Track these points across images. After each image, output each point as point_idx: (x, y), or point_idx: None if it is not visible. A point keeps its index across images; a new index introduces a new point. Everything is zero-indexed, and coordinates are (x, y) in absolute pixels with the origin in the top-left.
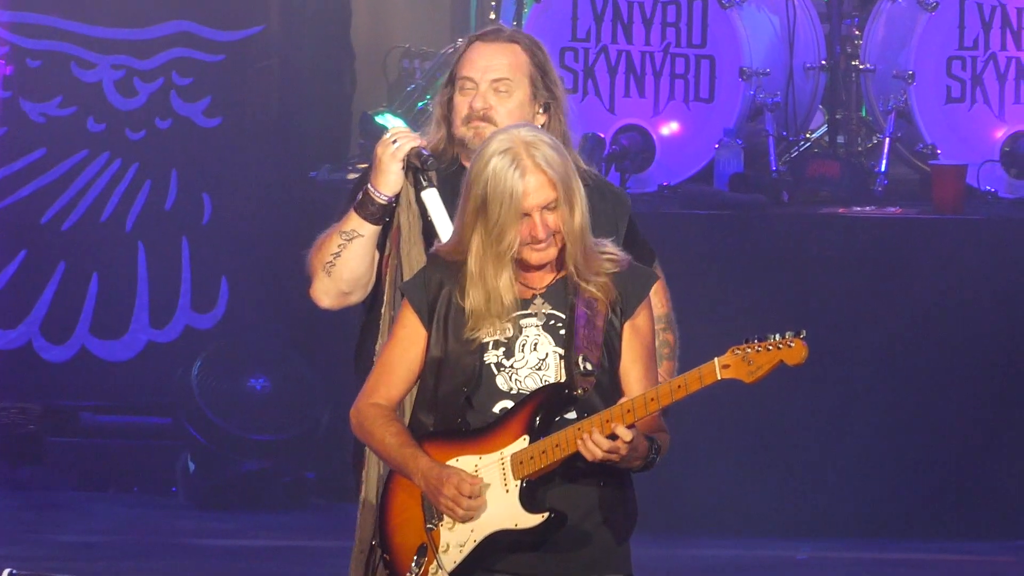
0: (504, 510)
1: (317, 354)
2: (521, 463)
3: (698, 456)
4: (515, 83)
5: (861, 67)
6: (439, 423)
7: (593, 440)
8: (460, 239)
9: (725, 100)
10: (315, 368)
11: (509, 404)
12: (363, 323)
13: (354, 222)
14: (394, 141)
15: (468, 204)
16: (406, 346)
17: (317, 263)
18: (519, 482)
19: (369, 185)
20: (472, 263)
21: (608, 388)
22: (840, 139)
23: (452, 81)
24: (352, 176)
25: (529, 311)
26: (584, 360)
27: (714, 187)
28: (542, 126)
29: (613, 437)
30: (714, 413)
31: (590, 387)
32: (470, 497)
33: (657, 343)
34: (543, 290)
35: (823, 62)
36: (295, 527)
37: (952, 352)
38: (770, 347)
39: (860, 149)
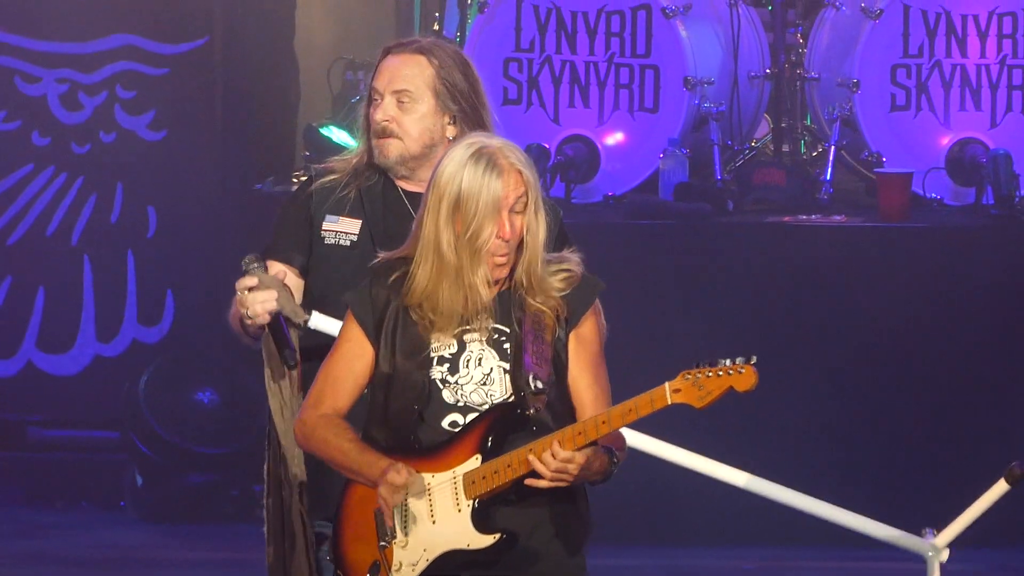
0: (456, 529)
1: (264, 366)
2: (473, 483)
3: (644, 465)
4: (416, 94)
5: (806, 76)
6: (391, 439)
7: (543, 461)
8: (416, 244)
9: (670, 110)
10: (262, 380)
11: (458, 417)
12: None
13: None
14: (247, 309)
15: (439, 205)
16: (351, 360)
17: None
18: (471, 502)
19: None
20: (443, 260)
21: (557, 401)
22: (785, 148)
23: (369, 97)
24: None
25: (471, 326)
26: (534, 379)
27: (659, 197)
28: (453, 138)
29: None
30: (654, 422)
31: (542, 405)
32: (403, 487)
33: None
34: (489, 305)
35: (768, 71)
36: (243, 539)
37: (899, 360)
38: (720, 372)
39: (805, 158)
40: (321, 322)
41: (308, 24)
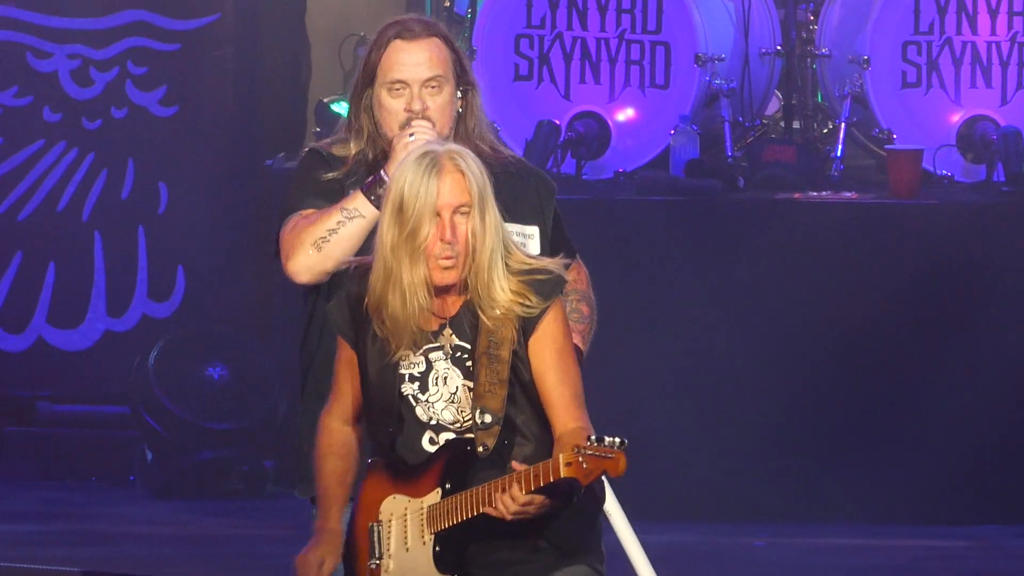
0: (421, 562)
1: (274, 342)
2: (433, 518)
3: (654, 442)
4: (444, 78)
5: (817, 53)
6: (377, 449)
7: (503, 504)
8: (373, 260)
9: (681, 86)
10: (272, 356)
11: (433, 435)
12: (309, 311)
13: (359, 202)
14: (411, 134)
15: (387, 207)
16: (347, 368)
17: (306, 237)
18: (432, 536)
19: (382, 171)
20: (386, 263)
21: (531, 420)
22: (796, 125)
23: (371, 83)
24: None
25: (437, 343)
26: (482, 413)
27: (670, 173)
28: (459, 111)
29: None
30: (668, 399)
31: (494, 439)
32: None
33: (568, 309)
34: (449, 320)
35: (779, 48)
36: (253, 515)
37: (910, 336)
38: (599, 454)
39: (816, 135)
40: None
41: (320, 0)
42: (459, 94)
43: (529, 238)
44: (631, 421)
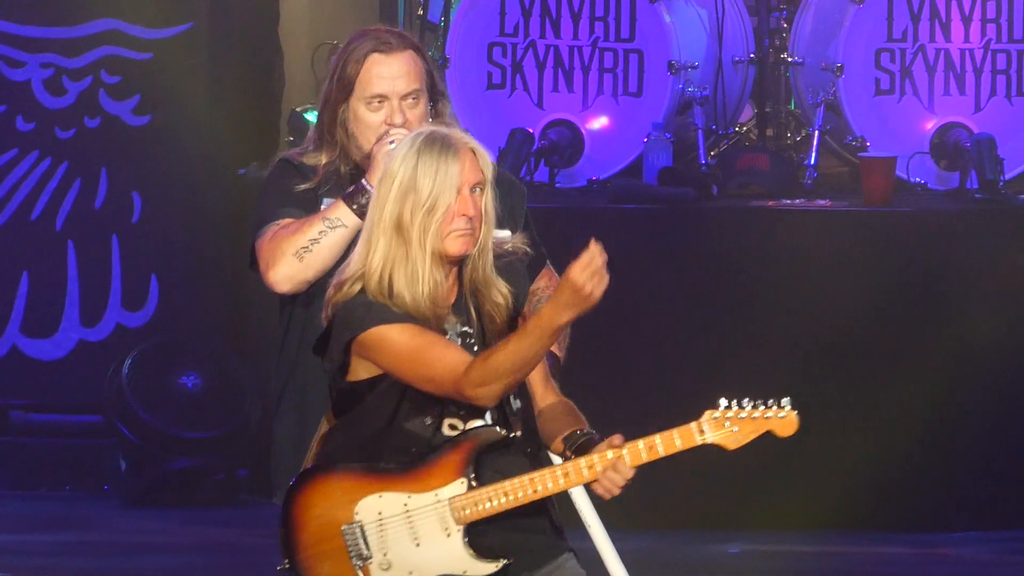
0: (449, 555)
1: (248, 351)
2: (465, 510)
3: None
4: (421, 91)
5: (790, 60)
6: (360, 448)
7: (611, 480)
8: (366, 248)
9: (654, 94)
10: (246, 365)
11: (450, 423)
12: (286, 321)
13: (341, 211)
14: (391, 142)
15: (390, 190)
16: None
17: (286, 247)
18: (462, 527)
19: (364, 180)
20: (396, 245)
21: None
22: (769, 132)
23: (347, 96)
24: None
25: (444, 328)
26: (514, 399)
27: (643, 181)
28: (430, 122)
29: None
30: (643, 405)
31: (521, 424)
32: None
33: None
34: (451, 306)
35: (752, 56)
36: (227, 523)
37: (882, 344)
38: (757, 415)
39: (789, 142)
40: None
41: (292, 10)
42: (430, 105)
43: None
44: (606, 428)
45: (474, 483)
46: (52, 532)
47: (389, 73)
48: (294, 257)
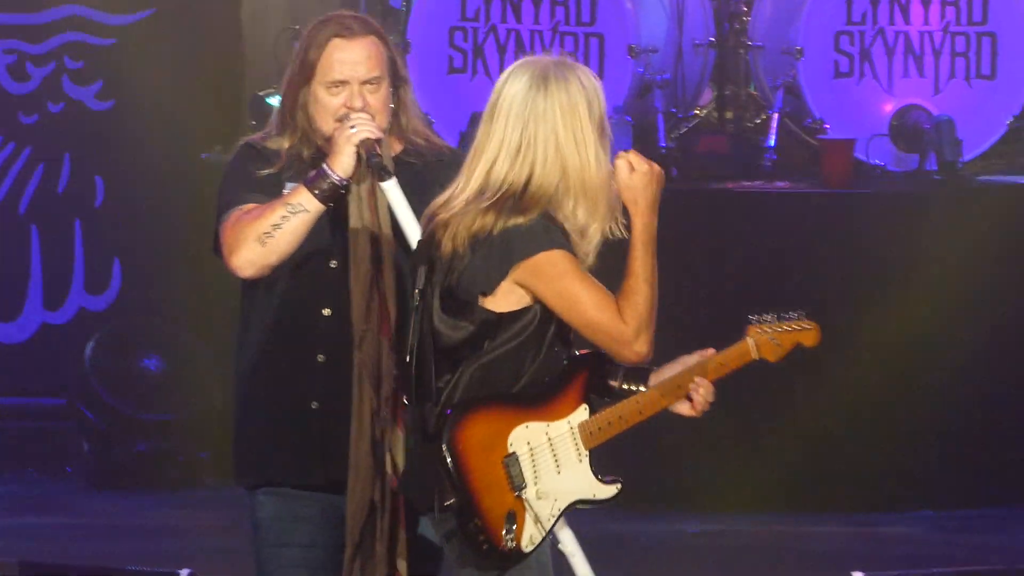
0: (581, 480)
1: (210, 334)
2: (591, 434)
3: None
4: (382, 77)
5: (750, 44)
6: (508, 379)
7: (703, 397)
8: (594, 162)
9: (614, 78)
10: (208, 348)
11: (567, 352)
12: (247, 304)
13: (303, 197)
14: (352, 127)
15: (592, 122)
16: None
17: (249, 232)
18: (588, 452)
19: (324, 165)
20: (584, 165)
21: None
22: (729, 115)
23: (309, 81)
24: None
25: None
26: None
27: None
28: (392, 107)
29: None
30: None
31: None
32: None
33: None
34: None
35: (712, 39)
36: (189, 505)
37: (840, 324)
38: (788, 328)
39: (749, 125)
40: (392, 191)
41: None
42: (392, 90)
43: None
44: None
45: (597, 408)
46: (16, 515)
47: (350, 59)
48: (256, 242)
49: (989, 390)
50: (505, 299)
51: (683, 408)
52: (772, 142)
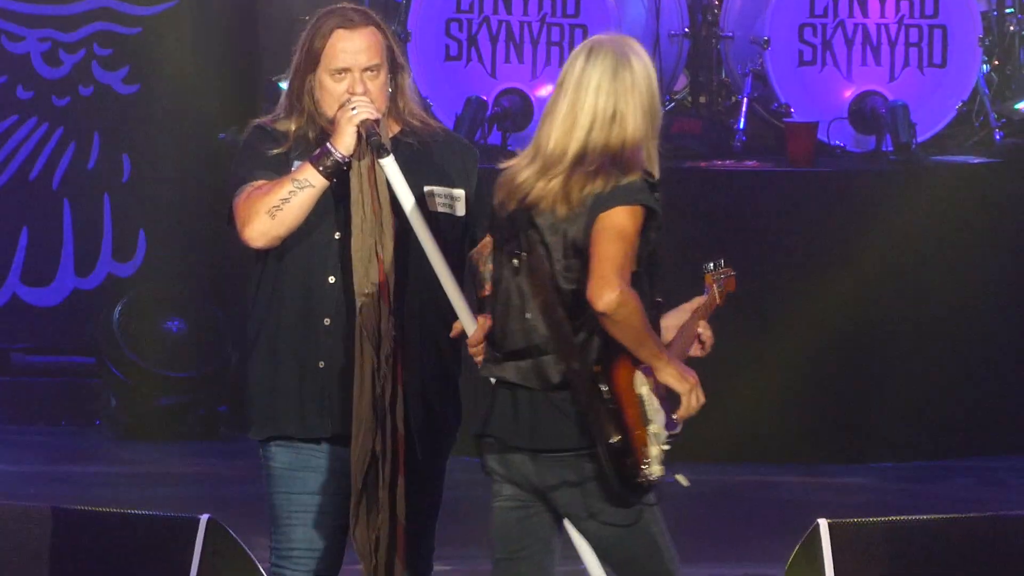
0: (664, 416)
1: (227, 299)
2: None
3: None
4: (381, 64)
5: (721, 34)
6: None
7: (710, 337)
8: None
9: None
10: (226, 310)
11: None
12: (259, 272)
13: (308, 173)
14: (353, 108)
15: (646, 102)
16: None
17: (260, 206)
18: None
19: (328, 144)
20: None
21: None
22: (702, 100)
23: (314, 68)
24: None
25: None
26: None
27: None
28: (391, 91)
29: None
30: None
31: None
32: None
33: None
34: None
35: (686, 30)
36: (208, 455)
37: (804, 288)
38: (727, 275)
39: (720, 108)
40: (391, 166)
41: None
42: (390, 76)
43: (456, 200)
44: None
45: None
46: (49, 463)
47: (352, 48)
48: (267, 215)
49: (943, 350)
50: None
51: (695, 350)
52: (742, 125)
